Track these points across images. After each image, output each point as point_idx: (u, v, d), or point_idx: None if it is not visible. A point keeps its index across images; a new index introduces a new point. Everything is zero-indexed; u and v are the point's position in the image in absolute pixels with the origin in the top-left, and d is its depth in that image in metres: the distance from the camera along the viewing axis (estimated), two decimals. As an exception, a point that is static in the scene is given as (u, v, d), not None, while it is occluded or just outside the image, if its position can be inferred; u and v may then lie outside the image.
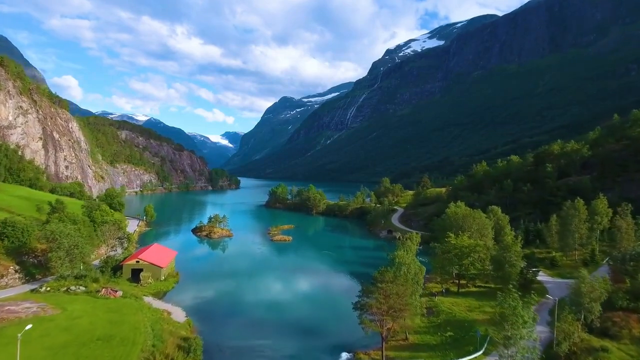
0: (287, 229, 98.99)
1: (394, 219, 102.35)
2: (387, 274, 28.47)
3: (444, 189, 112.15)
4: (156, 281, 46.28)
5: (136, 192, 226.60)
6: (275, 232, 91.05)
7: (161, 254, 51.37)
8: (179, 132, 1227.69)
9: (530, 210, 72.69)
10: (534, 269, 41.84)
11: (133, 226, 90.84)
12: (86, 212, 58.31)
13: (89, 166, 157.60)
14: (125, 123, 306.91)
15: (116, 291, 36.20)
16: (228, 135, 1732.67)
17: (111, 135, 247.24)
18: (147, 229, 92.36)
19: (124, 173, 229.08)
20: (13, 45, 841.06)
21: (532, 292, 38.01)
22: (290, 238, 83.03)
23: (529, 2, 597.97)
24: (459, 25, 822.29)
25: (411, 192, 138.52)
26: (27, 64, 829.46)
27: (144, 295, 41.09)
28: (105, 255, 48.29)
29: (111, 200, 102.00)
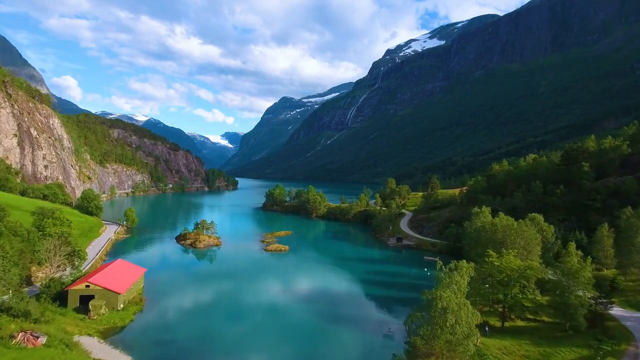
0: (283, 235, 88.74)
1: (403, 224, 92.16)
2: (436, 342, 18.02)
3: (457, 191, 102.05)
4: (111, 311, 36.01)
5: (127, 193, 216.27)
6: (271, 240, 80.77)
7: (122, 274, 41.08)
8: (178, 132, 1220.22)
9: (564, 217, 62.77)
10: (604, 300, 31.73)
11: (110, 233, 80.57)
12: (37, 221, 48.09)
13: (72, 166, 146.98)
14: (118, 122, 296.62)
15: (38, 337, 26.03)
16: (228, 135, 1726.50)
17: (102, 133, 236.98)
18: (125, 236, 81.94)
19: (114, 173, 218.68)
20: (12, 44, 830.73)
21: (609, 334, 28.13)
22: (287, 248, 72.64)
23: (530, 1, 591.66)
24: (459, 25, 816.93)
25: (418, 194, 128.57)
26: (25, 63, 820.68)
27: (88, 334, 30.83)
28: (47, 279, 38.04)
29: (88, 203, 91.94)
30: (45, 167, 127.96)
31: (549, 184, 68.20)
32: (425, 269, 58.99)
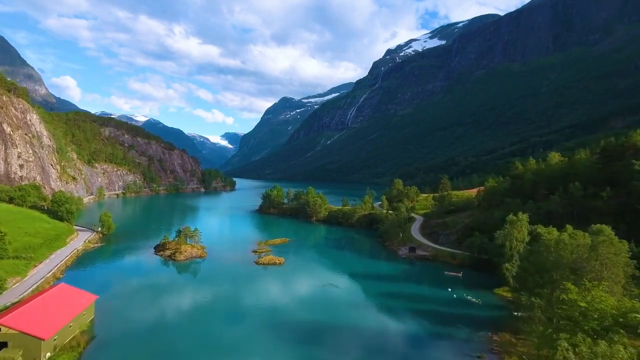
0: (279, 243, 78.50)
1: (414, 231, 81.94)
2: None
3: (473, 192, 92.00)
4: (32, 364, 25.72)
5: (117, 195, 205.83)
6: (264, 250, 70.47)
7: (57, 307, 30.78)
8: (178, 132, 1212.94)
9: (611, 224, 52.90)
10: None
11: (79, 241, 70.14)
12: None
13: (52, 165, 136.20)
14: (110, 120, 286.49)
15: None
16: (228, 135, 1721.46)
17: (91, 132, 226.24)
18: (97, 245, 71.43)
19: (104, 174, 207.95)
20: (10, 44, 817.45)
21: None
22: (283, 260, 62.24)
23: (532, 0, 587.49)
24: (460, 25, 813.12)
25: (426, 196, 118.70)
26: (24, 63, 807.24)
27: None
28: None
29: (58, 207, 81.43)
30: (21, 166, 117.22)
31: (589, 185, 58.37)
32: (450, 289, 48.79)
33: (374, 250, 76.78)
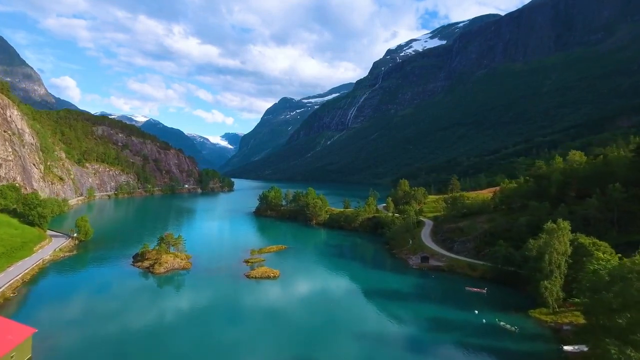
0: (275, 251, 70.68)
1: (424, 236, 74.19)
2: None
3: (487, 193, 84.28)
4: None
5: (109, 196, 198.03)
6: (257, 259, 62.59)
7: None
8: (178, 133, 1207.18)
9: (659, 232, 45.54)
10: None
11: (49, 250, 62.18)
12: None
13: (34, 165, 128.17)
14: (104, 118, 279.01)
15: None
16: (228, 136, 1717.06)
17: (82, 130, 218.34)
18: (70, 254, 63.44)
19: (95, 174, 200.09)
20: (9, 44, 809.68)
21: None
22: (278, 273, 54.21)
23: (533, 0, 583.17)
24: (460, 24, 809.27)
25: (436, 198, 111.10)
26: (23, 63, 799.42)
27: None
28: None
29: (29, 211, 73.50)
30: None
31: (630, 186, 50.83)
32: (476, 312, 40.91)
33: (381, 259, 68.86)
